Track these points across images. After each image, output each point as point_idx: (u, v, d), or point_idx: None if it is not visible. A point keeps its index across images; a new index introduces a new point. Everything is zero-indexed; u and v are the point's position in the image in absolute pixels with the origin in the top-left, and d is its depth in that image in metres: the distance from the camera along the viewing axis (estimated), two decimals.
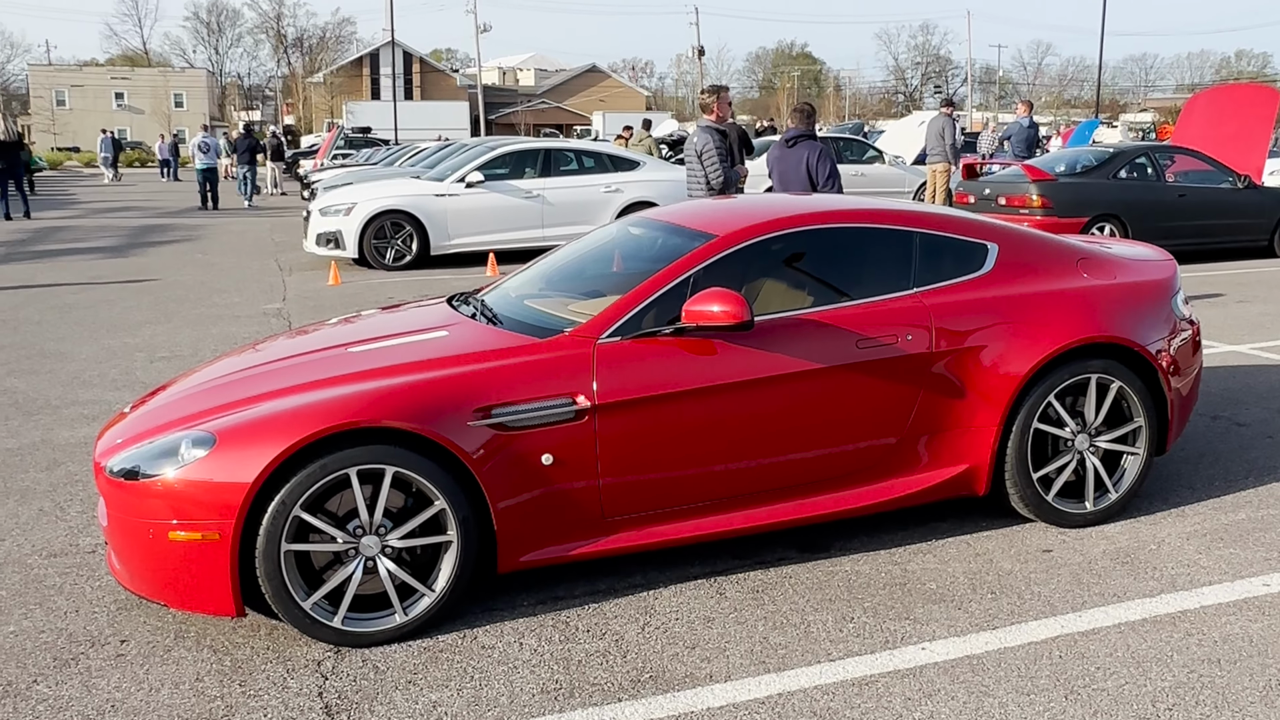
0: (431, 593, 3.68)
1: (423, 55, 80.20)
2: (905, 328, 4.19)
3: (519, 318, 4.24)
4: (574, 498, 3.83)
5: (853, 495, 4.21)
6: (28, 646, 3.69)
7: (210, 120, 73.18)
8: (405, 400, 3.60)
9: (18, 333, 9.27)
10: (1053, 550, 4.30)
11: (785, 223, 4.29)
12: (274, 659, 3.57)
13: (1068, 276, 4.55)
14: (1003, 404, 4.27)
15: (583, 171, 13.85)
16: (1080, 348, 4.38)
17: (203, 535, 3.47)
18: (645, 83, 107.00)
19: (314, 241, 12.79)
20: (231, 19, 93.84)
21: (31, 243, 16.59)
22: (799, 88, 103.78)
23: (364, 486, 3.59)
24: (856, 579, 4.08)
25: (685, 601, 3.93)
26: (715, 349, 3.96)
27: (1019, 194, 11.81)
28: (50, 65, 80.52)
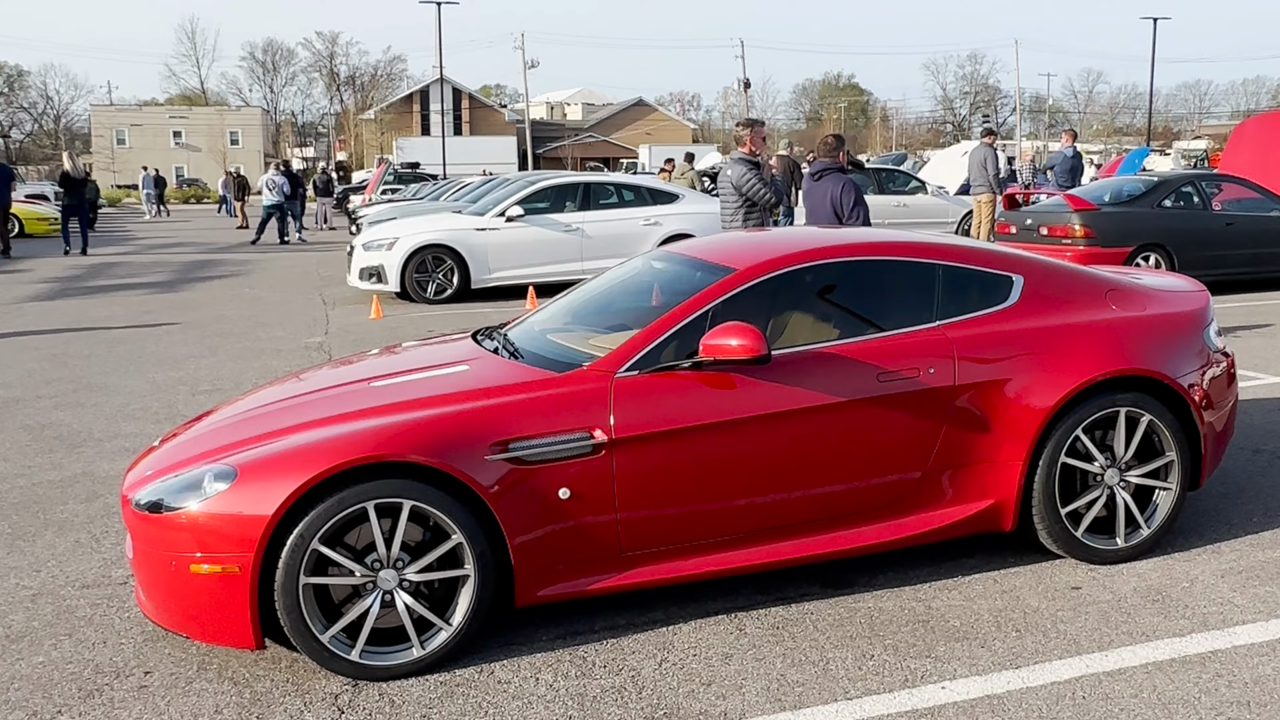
0: (449, 626, 3.69)
1: (472, 91, 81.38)
2: (928, 361, 4.15)
3: (540, 352, 4.26)
4: (591, 532, 3.83)
5: (875, 530, 4.17)
6: (55, 677, 3.75)
7: (265, 156, 74.72)
8: (421, 435, 3.63)
9: (66, 367, 9.48)
10: (1082, 587, 4.21)
11: (806, 255, 4.28)
12: (293, 692, 3.59)
13: (1096, 308, 4.49)
14: (1029, 438, 4.21)
15: (622, 205, 13.93)
16: (1108, 381, 4.31)
17: (223, 568, 3.52)
18: (692, 115, 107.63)
19: (357, 276, 12.97)
20: (286, 58, 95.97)
21: (87, 278, 17.00)
22: (846, 119, 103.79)
23: (382, 520, 3.62)
24: (879, 615, 4.03)
25: (704, 637, 3.90)
26: (734, 383, 3.95)
27: (1061, 224, 11.69)
28: (111, 105, 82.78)
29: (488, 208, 13.51)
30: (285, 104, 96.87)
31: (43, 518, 5.46)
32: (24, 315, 12.81)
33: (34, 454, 6.66)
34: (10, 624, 4.19)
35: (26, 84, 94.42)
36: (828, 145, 8.28)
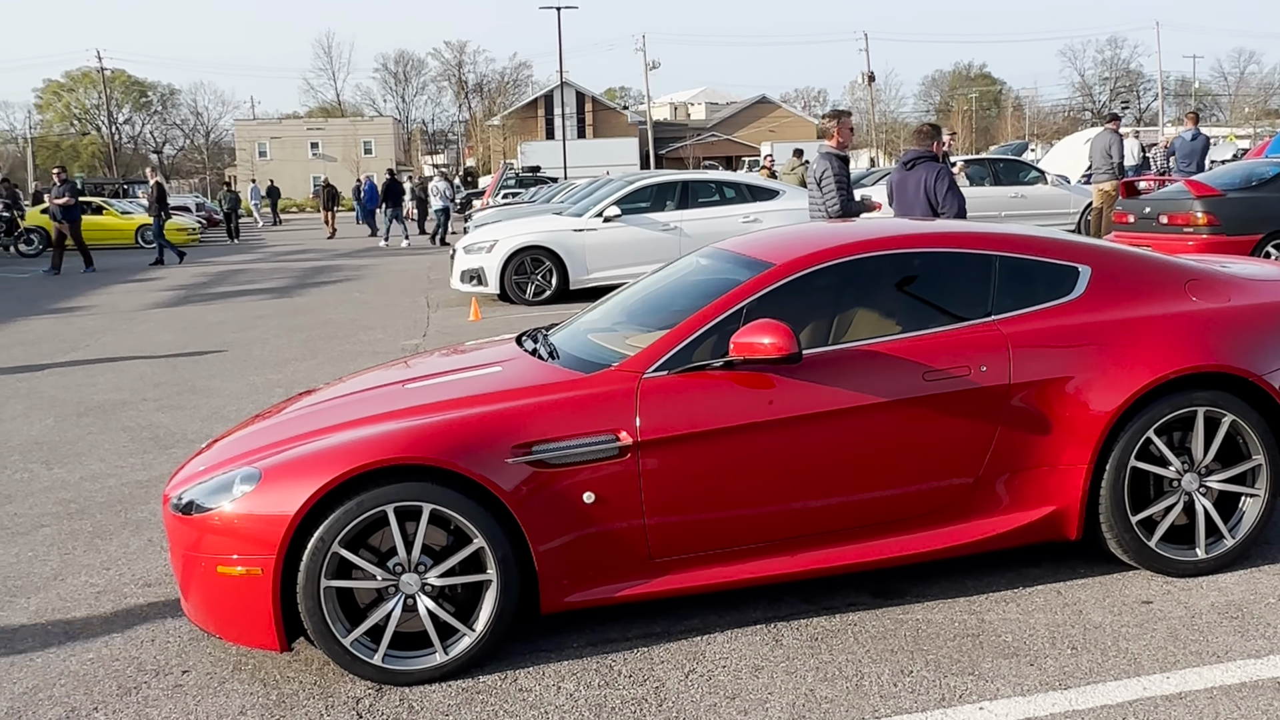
0: (472, 632, 3.63)
1: (595, 94, 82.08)
2: (979, 358, 3.90)
3: (575, 353, 4.18)
4: (619, 538, 3.72)
5: (923, 538, 3.94)
6: (99, 674, 3.83)
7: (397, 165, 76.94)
8: (441, 437, 3.58)
9: (175, 371, 9.85)
10: (1153, 602, 3.90)
11: (848, 249, 4.08)
12: (317, 694, 3.59)
13: (1172, 300, 4.15)
14: (1093, 440, 3.92)
15: (722, 202, 13.77)
16: (1184, 378, 3.98)
17: (246, 570, 3.54)
18: (817, 111, 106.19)
19: (459, 278, 13.15)
20: (417, 68, 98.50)
21: (211, 284, 17.74)
22: (977, 109, 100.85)
23: (403, 524, 3.58)
24: (926, 628, 3.81)
25: (738, 648, 3.75)
26: (769, 382, 3.78)
27: (1182, 211, 11.01)
28: (254, 120, 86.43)
29: (587, 209, 13.52)
30: (416, 113, 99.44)
31: (124, 516, 5.64)
32: (147, 321, 13.40)
33: (128, 454, 6.91)
34: (72, 620, 4.32)
35: (178, 102, 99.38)
36: (924, 133, 7.97)
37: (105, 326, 13.02)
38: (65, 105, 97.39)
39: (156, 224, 22.25)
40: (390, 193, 27.15)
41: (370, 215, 31.16)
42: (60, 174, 20.78)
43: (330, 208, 33.16)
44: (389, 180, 27.55)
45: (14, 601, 4.54)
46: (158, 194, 21.48)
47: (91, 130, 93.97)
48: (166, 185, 23.60)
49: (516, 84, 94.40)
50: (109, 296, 16.39)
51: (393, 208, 27.25)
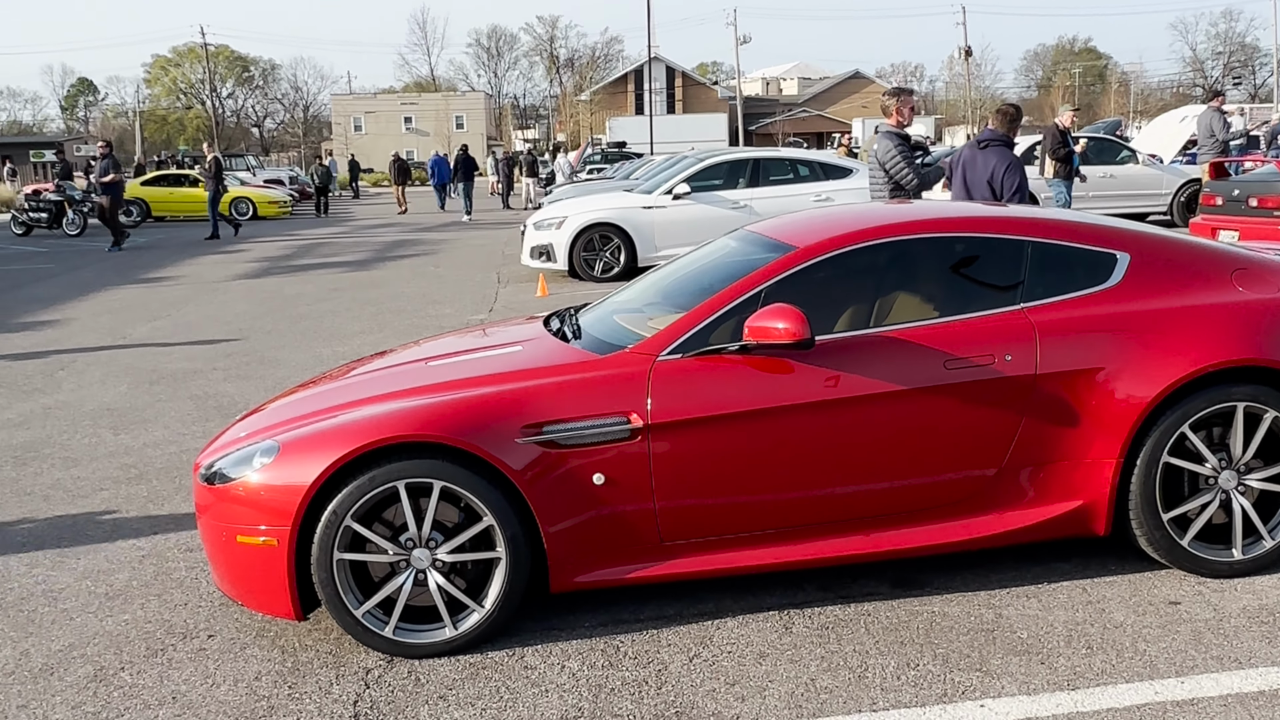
0: (480, 609, 3.67)
1: (685, 69, 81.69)
2: (1004, 347, 3.80)
3: (596, 334, 4.18)
4: (629, 520, 3.72)
5: (943, 529, 3.86)
6: (131, 635, 3.98)
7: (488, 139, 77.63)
8: (452, 416, 3.62)
9: (248, 341, 10.13)
10: (1181, 603, 3.77)
11: (873, 233, 3.99)
12: (331, 664, 3.67)
13: (1217, 290, 3.98)
14: (1123, 434, 3.79)
15: (796, 180, 13.60)
16: (1223, 372, 3.82)
17: (263, 540, 3.63)
18: (916, 86, 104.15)
19: (528, 254, 13.25)
20: (509, 43, 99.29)
21: (294, 257, 18.16)
22: (1080, 84, 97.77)
23: (415, 500, 3.64)
24: (941, 621, 3.74)
25: (747, 634, 3.73)
26: (785, 368, 3.74)
27: (1273, 194, 10.53)
28: (350, 94, 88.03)
29: (657, 186, 13.48)
30: (508, 88, 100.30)
31: (177, 483, 5.83)
32: (228, 292, 13.79)
33: (191, 422, 7.14)
34: (114, 582, 4.48)
35: (278, 77, 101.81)
36: (1006, 115, 7.73)
37: (188, 297, 13.44)
38: (172, 80, 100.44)
39: (212, 198, 22.20)
40: (463, 168, 27.78)
41: (441, 190, 31.78)
42: (104, 149, 20.38)
43: (402, 183, 32.73)
44: (462, 155, 28.03)
45: (64, 562, 4.73)
46: (215, 169, 21.65)
47: (196, 104, 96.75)
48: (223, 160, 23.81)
49: (608, 59, 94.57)
50: (197, 267, 16.91)
51: (464, 182, 27.79)
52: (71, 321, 11.66)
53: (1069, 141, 13.08)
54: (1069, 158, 12.94)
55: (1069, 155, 12.94)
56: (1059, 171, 12.94)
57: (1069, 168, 12.97)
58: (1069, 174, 12.98)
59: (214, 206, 22.27)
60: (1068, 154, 12.92)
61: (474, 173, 28.41)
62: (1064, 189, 12.93)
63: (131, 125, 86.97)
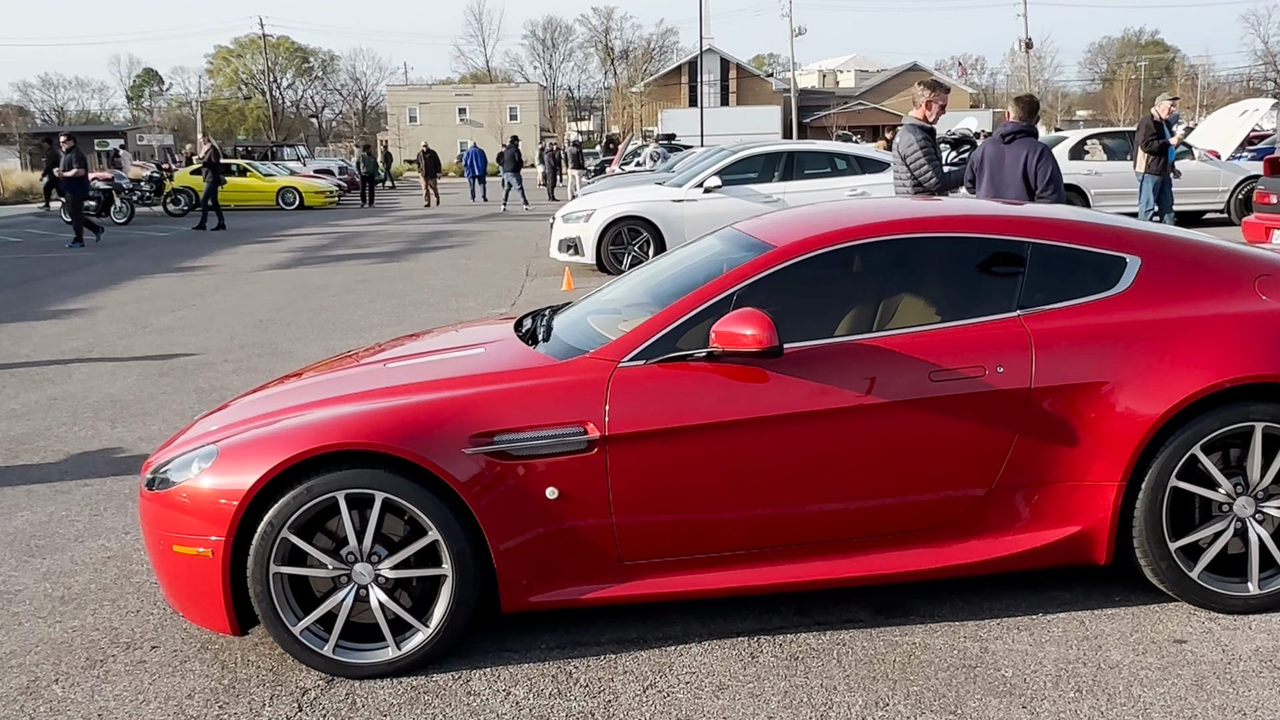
0: (425, 628, 3.45)
1: (740, 61, 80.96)
2: (996, 357, 3.49)
3: (564, 336, 3.93)
4: (585, 537, 3.47)
5: (928, 554, 3.57)
6: (75, 643, 3.82)
7: (541, 131, 77.57)
8: (396, 423, 3.40)
9: (266, 332, 10.03)
10: (1187, 642, 3.44)
11: (855, 232, 3.70)
12: (269, 682, 3.48)
13: (1237, 298, 3.64)
14: (1126, 455, 3.46)
15: (833, 174, 13.24)
16: (1241, 388, 3.47)
17: (197, 550, 3.44)
18: (976, 79, 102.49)
19: (556, 248, 13.04)
20: (564, 34, 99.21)
21: (328, 247, 18.13)
22: (1147, 78, 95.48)
23: (358, 511, 3.42)
24: (920, 654, 3.44)
25: (710, 662, 3.47)
26: (755, 377, 3.46)
27: None
28: (406, 86, 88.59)
29: (688, 178, 13.20)
30: (563, 79, 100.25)
31: None
32: (257, 282, 13.75)
33: (191, 415, 7.00)
34: (72, 585, 4.34)
35: (337, 68, 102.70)
36: (1024, 105, 7.35)
37: (217, 286, 13.42)
38: (234, 71, 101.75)
39: (209, 188, 21.65)
40: (510, 159, 27.81)
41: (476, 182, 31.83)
42: (68, 142, 19.15)
43: (432, 176, 31.07)
44: (511, 147, 28.02)
45: (29, 562, 4.60)
46: (213, 159, 21.15)
47: (256, 95, 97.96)
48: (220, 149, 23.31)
49: (662, 50, 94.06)
50: (232, 257, 16.93)
51: (511, 173, 27.79)
52: (98, 310, 11.67)
53: (1165, 133, 12.24)
54: (1164, 150, 12.11)
55: (1164, 148, 12.12)
56: (1151, 166, 12.19)
57: (1163, 161, 12.16)
58: (1163, 168, 12.20)
59: (210, 197, 21.72)
60: (1162, 146, 12.10)
61: (520, 164, 28.34)
62: (1154, 184, 12.20)
63: (194, 115, 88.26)
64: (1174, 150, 12.40)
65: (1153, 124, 12.26)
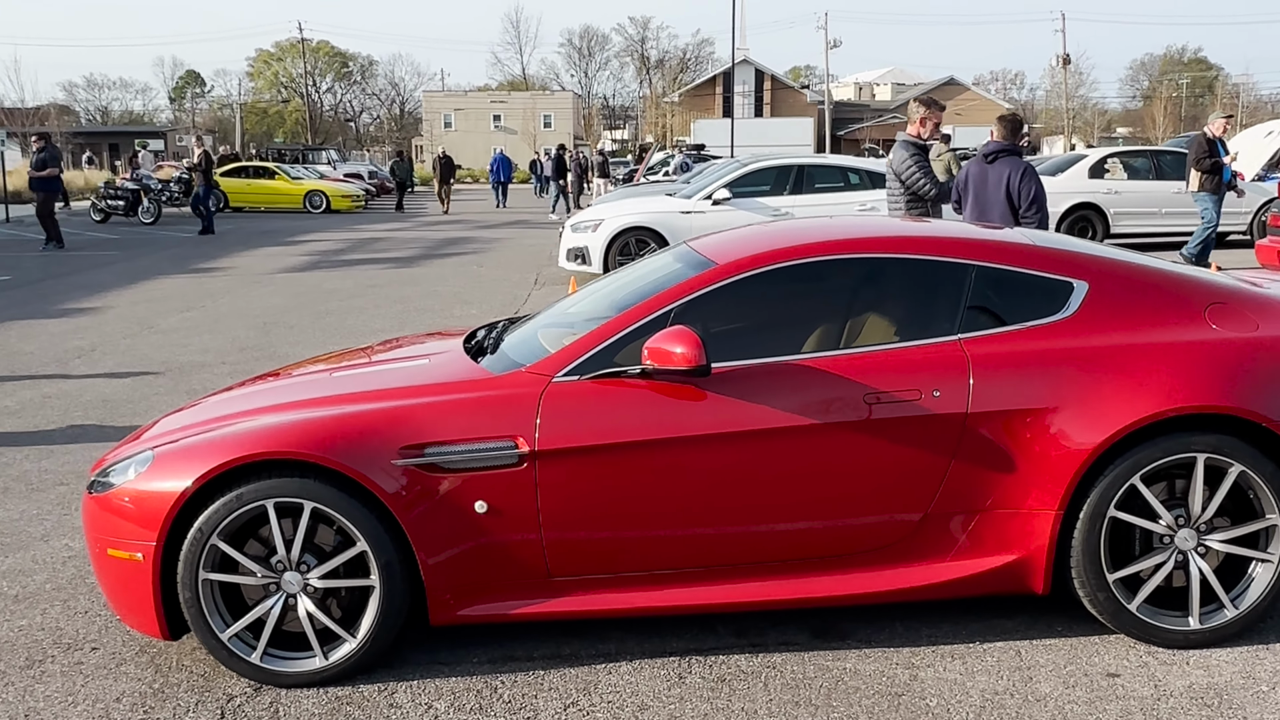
0: (353, 639, 3.45)
1: (775, 73, 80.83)
2: (932, 381, 3.44)
3: (508, 349, 3.92)
4: (514, 552, 3.46)
5: (863, 578, 3.52)
6: (19, 643, 3.85)
7: (575, 140, 77.84)
8: (325, 432, 3.40)
9: (267, 335, 10.11)
10: (1120, 676, 3.37)
11: (795, 252, 3.67)
12: (198, 689, 3.49)
13: (1185, 326, 3.57)
14: (1063, 483, 3.40)
15: (846, 188, 13.17)
16: (1183, 418, 3.41)
17: (129, 555, 3.46)
18: (1015, 94, 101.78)
19: (564, 257, 13.06)
20: (601, 43, 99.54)
21: (346, 251, 18.26)
22: (1188, 95, 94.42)
23: (286, 520, 3.43)
24: (848, 680, 3.40)
25: (637, 681, 3.44)
26: (688, 395, 3.44)
27: None
28: (442, 92, 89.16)
29: (698, 190, 13.18)
30: (598, 88, 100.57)
31: None
32: (269, 284, 13.87)
33: None
34: (28, 584, 4.38)
35: (375, 73, 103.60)
36: (1008, 124, 7.28)
37: (229, 288, 13.54)
38: (274, 74, 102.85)
39: (203, 193, 21.55)
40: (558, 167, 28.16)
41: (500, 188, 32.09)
42: (39, 141, 18.43)
43: (446, 181, 30.14)
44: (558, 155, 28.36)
45: None
46: (205, 164, 21.04)
47: (295, 98, 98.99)
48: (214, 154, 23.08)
49: (698, 61, 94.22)
50: (249, 259, 17.09)
51: (555, 181, 28.08)
52: (109, 310, 11.81)
53: (1218, 151, 11.88)
54: (1217, 169, 11.78)
55: (1216, 166, 11.78)
56: (1205, 185, 11.88)
57: (1217, 180, 11.83)
58: (1217, 187, 11.85)
59: (205, 202, 21.63)
60: (1215, 165, 11.77)
61: (566, 172, 28.68)
62: (1211, 204, 11.90)
63: (234, 117, 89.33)
64: (1229, 169, 12.03)
65: (1205, 142, 11.91)
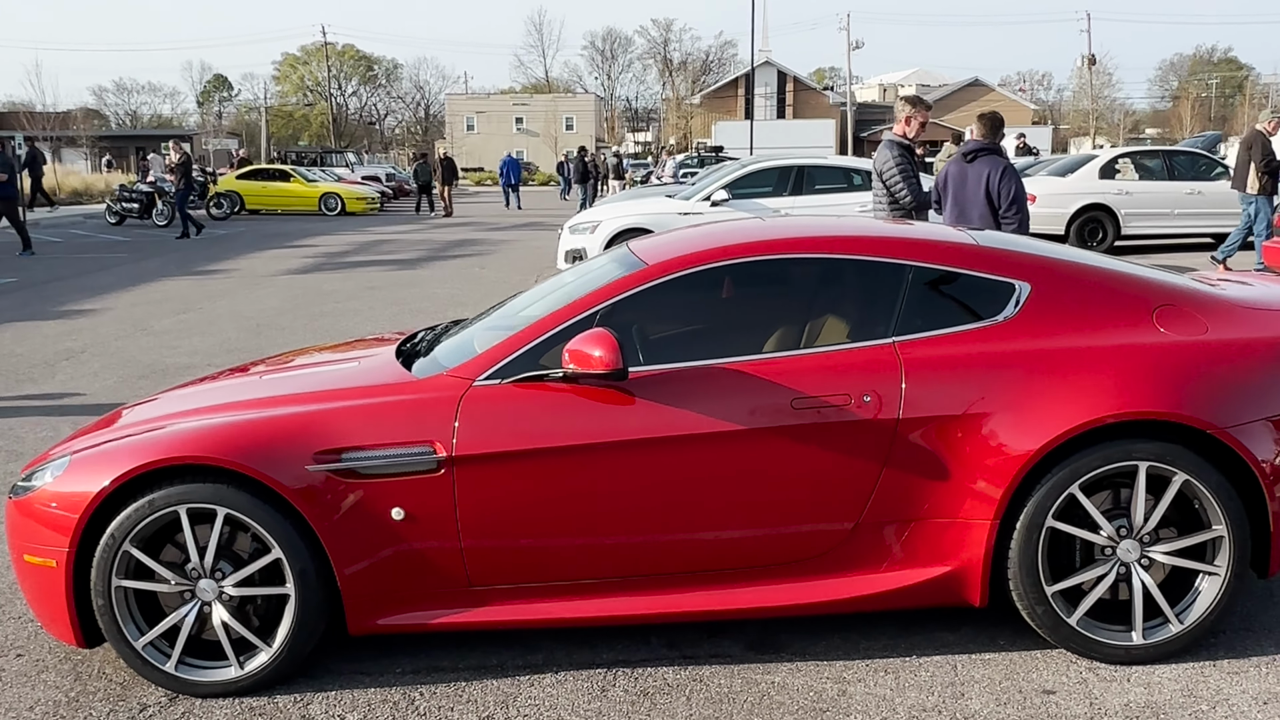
0: (268, 648, 3.37)
1: (797, 74, 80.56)
2: (862, 386, 3.33)
3: (438, 352, 3.83)
4: (432, 560, 3.37)
5: (794, 589, 3.41)
6: None
7: (597, 142, 77.88)
8: (237, 437, 3.33)
9: (258, 337, 10.07)
10: (1056, 693, 3.24)
11: (725, 252, 3.56)
12: (113, 698, 3.42)
13: (1130, 329, 3.43)
14: (998, 492, 3.28)
15: (849, 189, 13.03)
16: (1125, 425, 3.28)
17: (42, 560, 3.40)
18: (1042, 95, 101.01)
19: (562, 259, 12.98)
20: (623, 45, 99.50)
21: (351, 253, 18.25)
22: (1217, 96, 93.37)
23: (200, 527, 3.36)
24: (774, 694, 3.29)
25: (557, 695, 3.35)
26: (610, 399, 3.34)
27: None
28: (464, 95, 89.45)
29: (698, 191, 13.08)
30: (621, 90, 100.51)
31: None
32: (269, 286, 13.87)
33: None
34: None
35: (400, 76, 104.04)
36: (987, 122, 7.12)
37: (228, 290, 13.55)
38: (299, 78, 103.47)
39: (179, 197, 21.22)
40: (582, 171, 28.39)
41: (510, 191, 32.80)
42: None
43: (448, 183, 29.14)
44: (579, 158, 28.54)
45: None
46: (182, 168, 20.81)
47: (321, 101, 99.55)
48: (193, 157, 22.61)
49: (720, 63, 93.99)
50: (253, 261, 17.11)
51: (581, 184, 28.30)
52: (106, 311, 11.83)
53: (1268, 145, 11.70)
54: (1274, 170, 11.61)
55: (1273, 167, 11.60)
56: (1265, 187, 11.68)
57: (1275, 181, 11.68)
58: (1274, 189, 11.67)
59: (182, 205, 21.38)
60: (1276, 166, 11.59)
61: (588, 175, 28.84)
62: (1263, 206, 11.71)
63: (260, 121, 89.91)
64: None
65: (1265, 140, 11.70)
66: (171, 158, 21.20)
